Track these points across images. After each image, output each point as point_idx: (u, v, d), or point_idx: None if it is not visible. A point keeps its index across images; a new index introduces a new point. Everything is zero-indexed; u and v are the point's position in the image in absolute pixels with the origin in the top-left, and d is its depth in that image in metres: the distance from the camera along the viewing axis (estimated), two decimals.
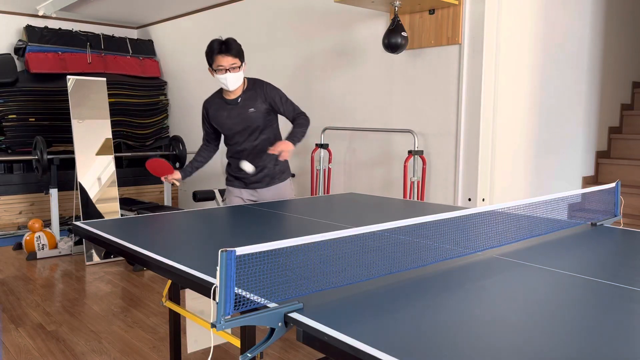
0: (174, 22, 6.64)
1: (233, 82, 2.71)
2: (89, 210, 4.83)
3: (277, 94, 2.83)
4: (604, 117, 4.57)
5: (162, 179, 2.89)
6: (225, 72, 2.67)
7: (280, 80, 5.06)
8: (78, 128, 4.91)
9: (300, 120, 2.81)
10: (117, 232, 1.99)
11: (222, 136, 2.99)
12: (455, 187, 3.66)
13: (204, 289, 1.38)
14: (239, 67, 2.70)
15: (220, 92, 2.89)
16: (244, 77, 2.81)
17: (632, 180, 4.35)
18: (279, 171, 2.96)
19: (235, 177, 2.98)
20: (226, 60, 2.66)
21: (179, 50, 6.60)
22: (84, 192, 4.83)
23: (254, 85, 2.83)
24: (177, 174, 2.90)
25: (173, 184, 3.06)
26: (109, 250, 1.89)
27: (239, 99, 2.81)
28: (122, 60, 6.71)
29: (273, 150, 2.60)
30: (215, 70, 2.70)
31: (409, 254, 1.65)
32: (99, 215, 4.88)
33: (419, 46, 3.79)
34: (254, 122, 2.81)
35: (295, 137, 2.72)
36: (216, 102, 2.88)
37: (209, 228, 2.08)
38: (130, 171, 6.65)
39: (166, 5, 6.03)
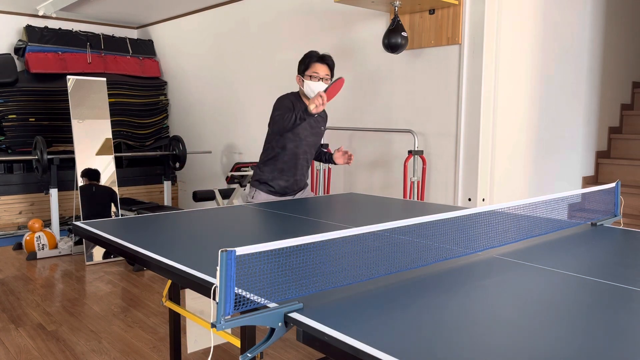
0: (174, 22, 6.64)
1: None
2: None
3: None
4: (604, 117, 4.57)
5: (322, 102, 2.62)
6: (319, 80, 2.80)
7: (280, 81, 5.06)
8: (78, 128, 4.91)
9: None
10: (117, 232, 1.99)
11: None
12: (455, 187, 3.66)
13: (204, 289, 1.38)
14: (329, 81, 2.84)
15: (298, 98, 2.90)
16: None
17: (632, 180, 4.35)
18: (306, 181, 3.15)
19: (274, 186, 2.93)
20: (322, 70, 2.82)
21: (179, 50, 6.60)
22: (83, 192, 4.82)
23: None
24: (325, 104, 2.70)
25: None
26: (109, 250, 1.89)
27: (316, 114, 2.89)
28: (122, 60, 6.72)
29: (347, 154, 2.94)
30: (309, 77, 2.80)
31: (409, 254, 1.65)
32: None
33: (419, 46, 3.79)
34: (320, 138, 3.02)
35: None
36: (301, 106, 2.85)
37: (209, 228, 2.08)
38: (130, 171, 6.65)
39: (166, 5, 6.03)
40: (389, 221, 1.48)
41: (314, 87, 2.80)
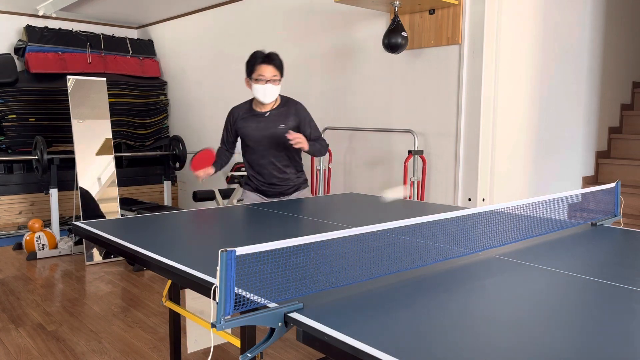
0: (174, 22, 6.64)
1: (270, 94, 2.73)
2: (89, 210, 4.83)
3: (307, 114, 2.88)
4: (604, 117, 4.57)
5: (196, 173, 2.81)
6: (266, 82, 2.69)
7: None
8: (78, 128, 4.91)
9: (319, 141, 2.89)
10: (117, 232, 1.99)
11: (240, 145, 2.96)
12: (455, 187, 3.66)
13: (204, 289, 1.38)
14: (279, 81, 2.73)
15: (250, 102, 2.87)
16: (278, 94, 2.84)
17: (632, 180, 4.35)
18: (303, 181, 3.01)
19: (257, 188, 2.93)
20: (268, 71, 2.69)
21: (179, 50, 6.60)
22: (84, 192, 4.82)
23: (286, 103, 2.87)
24: (211, 169, 2.84)
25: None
26: (109, 250, 1.89)
27: (268, 113, 2.81)
28: (122, 60, 6.71)
29: (291, 136, 2.64)
30: (255, 80, 2.70)
31: (409, 254, 1.65)
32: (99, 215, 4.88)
33: (419, 46, 3.79)
34: (281, 138, 2.80)
35: (311, 145, 2.79)
36: (245, 112, 2.85)
37: (209, 228, 2.08)
38: (130, 171, 6.64)
39: (166, 5, 6.03)
40: (389, 221, 1.48)
41: (260, 91, 2.70)
